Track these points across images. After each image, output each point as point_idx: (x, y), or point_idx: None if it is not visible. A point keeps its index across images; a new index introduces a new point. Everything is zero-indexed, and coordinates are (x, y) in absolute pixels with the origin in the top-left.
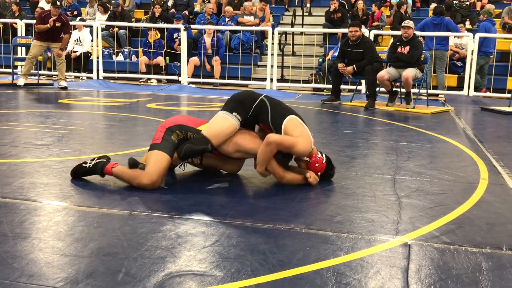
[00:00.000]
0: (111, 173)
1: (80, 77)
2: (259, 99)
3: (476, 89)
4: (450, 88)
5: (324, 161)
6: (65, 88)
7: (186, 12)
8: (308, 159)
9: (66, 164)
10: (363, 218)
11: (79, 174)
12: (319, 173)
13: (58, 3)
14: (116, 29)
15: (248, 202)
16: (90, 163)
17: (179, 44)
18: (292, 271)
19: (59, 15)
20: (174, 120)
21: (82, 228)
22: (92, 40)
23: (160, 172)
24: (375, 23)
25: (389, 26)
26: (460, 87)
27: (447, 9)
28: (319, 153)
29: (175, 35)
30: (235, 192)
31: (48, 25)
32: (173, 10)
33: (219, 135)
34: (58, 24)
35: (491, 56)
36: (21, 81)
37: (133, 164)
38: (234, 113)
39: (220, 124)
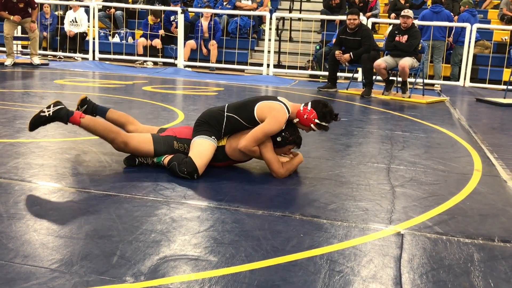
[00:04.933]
0: (78, 123)
1: (73, 58)
2: (225, 116)
3: (451, 79)
4: (446, 78)
5: (309, 108)
6: (38, 65)
7: None
8: (296, 120)
9: (61, 145)
10: (357, 206)
11: (38, 124)
12: (316, 120)
13: None
14: (112, 10)
15: (243, 188)
16: (48, 110)
17: (176, 27)
18: (285, 258)
19: None
20: (186, 133)
21: (77, 210)
22: (88, 21)
23: (137, 146)
24: (374, 12)
25: (387, 14)
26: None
27: None
28: (301, 106)
29: (172, 18)
30: (231, 178)
31: (11, 18)
32: None
33: (206, 164)
34: (21, 5)
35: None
36: (8, 61)
37: (129, 162)
38: (213, 137)
39: (206, 152)
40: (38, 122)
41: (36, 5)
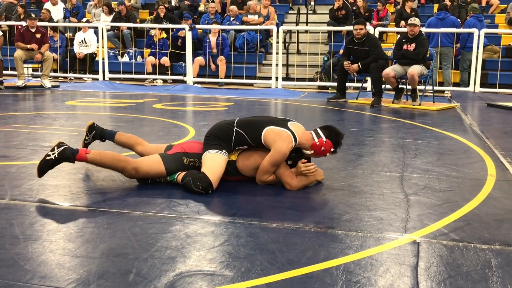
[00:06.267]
0: (85, 159)
1: (83, 79)
2: (234, 131)
3: (460, 85)
4: (455, 84)
5: (324, 140)
6: (49, 88)
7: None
8: (311, 152)
9: (74, 166)
10: (372, 216)
11: (46, 169)
12: (332, 150)
13: (33, 15)
14: (123, 27)
15: (256, 202)
16: (53, 153)
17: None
18: (301, 270)
19: (36, 26)
20: (195, 147)
21: (92, 229)
22: (97, 41)
23: (148, 169)
24: (384, 22)
25: (394, 23)
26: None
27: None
28: (314, 136)
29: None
30: (243, 192)
31: (28, 46)
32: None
33: (219, 178)
34: (38, 36)
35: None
36: (20, 82)
37: (142, 180)
38: (223, 151)
39: (219, 167)
40: (45, 166)
41: (48, 41)
